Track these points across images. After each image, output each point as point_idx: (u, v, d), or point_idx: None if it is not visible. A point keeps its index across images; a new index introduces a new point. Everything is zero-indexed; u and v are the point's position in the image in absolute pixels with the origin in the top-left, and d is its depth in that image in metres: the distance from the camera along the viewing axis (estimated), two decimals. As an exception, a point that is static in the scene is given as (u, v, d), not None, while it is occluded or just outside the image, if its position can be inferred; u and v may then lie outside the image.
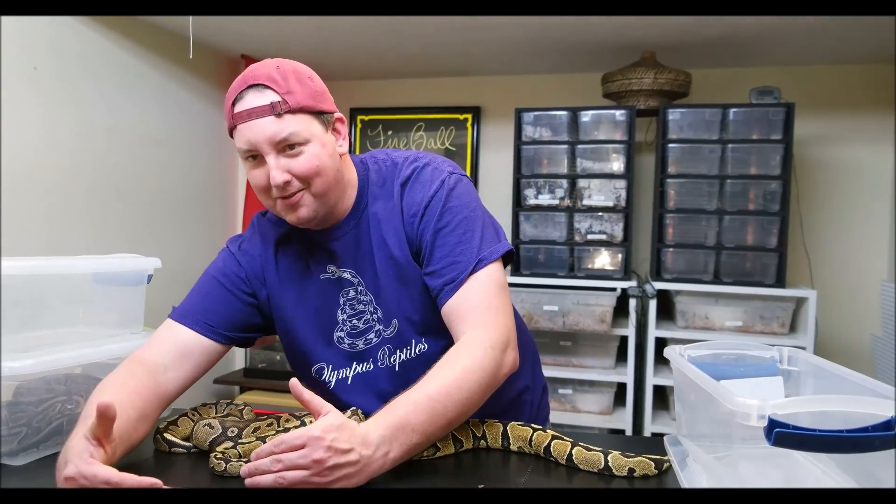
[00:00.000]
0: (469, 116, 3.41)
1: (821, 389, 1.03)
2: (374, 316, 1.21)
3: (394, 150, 1.28)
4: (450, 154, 3.44)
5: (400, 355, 1.21)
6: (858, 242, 3.06)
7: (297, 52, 3.05)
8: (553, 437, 1.13)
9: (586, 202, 2.85)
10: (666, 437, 1.17)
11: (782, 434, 0.74)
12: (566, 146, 2.85)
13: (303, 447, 0.89)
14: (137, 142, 2.76)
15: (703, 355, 1.11)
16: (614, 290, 2.76)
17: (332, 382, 1.24)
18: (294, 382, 0.97)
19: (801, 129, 2.96)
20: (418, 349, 1.20)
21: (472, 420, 1.18)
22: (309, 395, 0.97)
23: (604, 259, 2.86)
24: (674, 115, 2.78)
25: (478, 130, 3.43)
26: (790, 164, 2.69)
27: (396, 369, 1.20)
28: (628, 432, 2.77)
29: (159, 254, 1.44)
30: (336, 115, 1.17)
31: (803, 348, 2.49)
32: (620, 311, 2.83)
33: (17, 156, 2.23)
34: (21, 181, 2.24)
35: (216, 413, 1.25)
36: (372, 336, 1.21)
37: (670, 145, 2.78)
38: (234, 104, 1.10)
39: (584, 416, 2.86)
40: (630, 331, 2.76)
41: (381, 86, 3.57)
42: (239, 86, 1.10)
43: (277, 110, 1.07)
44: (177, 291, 2.95)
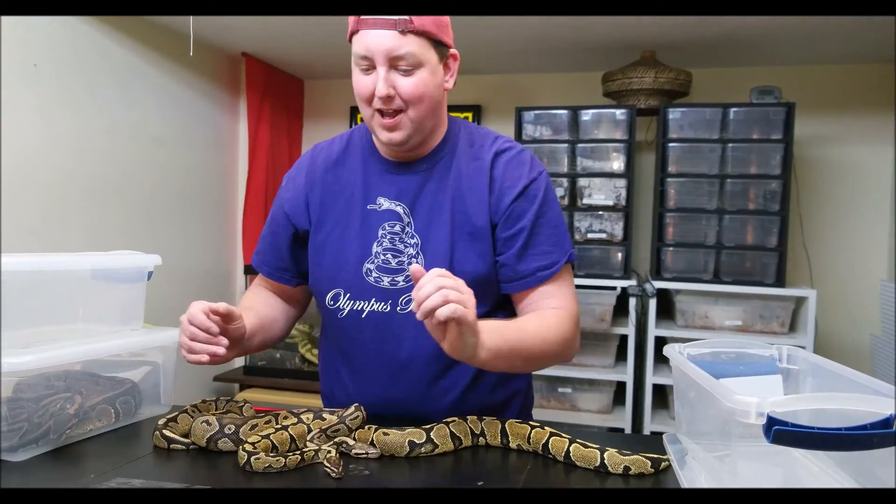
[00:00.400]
0: (469, 115, 3.41)
1: (820, 388, 1.03)
2: (412, 260, 1.22)
3: None
4: (450, 153, 3.43)
5: None
6: (858, 242, 3.06)
7: (298, 50, 3.05)
8: (551, 434, 1.13)
9: (586, 201, 2.85)
10: (665, 436, 1.17)
11: (781, 432, 0.74)
12: (566, 145, 2.85)
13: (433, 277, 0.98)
14: (137, 140, 2.76)
15: (703, 354, 1.11)
16: (614, 288, 2.76)
17: (345, 311, 1.24)
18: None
19: (802, 129, 2.96)
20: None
21: (471, 417, 1.19)
22: None
23: (604, 258, 2.86)
24: (674, 114, 2.78)
25: (478, 129, 3.42)
26: (790, 164, 2.69)
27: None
28: (628, 431, 2.77)
29: (159, 251, 1.44)
30: (452, 51, 1.21)
31: (803, 348, 2.49)
32: (620, 309, 2.83)
33: (17, 154, 2.23)
34: (20, 179, 2.24)
35: (216, 410, 1.25)
36: (400, 279, 1.22)
37: (670, 144, 2.78)
38: None
39: (584, 414, 2.86)
40: (630, 330, 2.77)
41: (382, 84, 3.56)
42: None
43: (401, 27, 1.11)
44: (177, 289, 2.97)
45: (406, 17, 1.11)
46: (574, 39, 2.78)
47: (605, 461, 1.05)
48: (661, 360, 2.78)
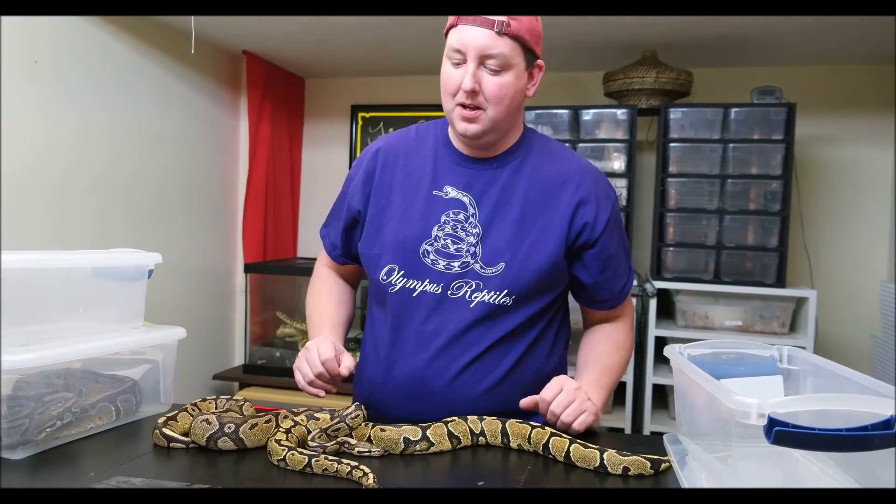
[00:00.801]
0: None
1: (820, 388, 1.03)
2: (471, 248, 1.27)
3: None
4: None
5: (483, 295, 1.26)
6: (859, 243, 3.06)
7: (299, 49, 3.05)
8: (552, 435, 1.13)
9: (587, 201, 2.84)
10: (665, 436, 1.17)
11: (782, 433, 0.74)
12: (567, 145, 2.84)
13: (560, 391, 1.21)
14: (138, 138, 2.76)
15: (703, 354, 1.11)
16: (614, 288, 2.75)
17: (397, 287, 1.29)
18: None
19: (803, 129, 2.96)
20: (502, 301, 1.26)
21: (471, 417, 1.18)
22: None
23: (604, 258, 2.85)
24: (675, 114, 2.77)
25: (479, 128, 3.42)
26: (791, 164, 2.69)
27: (472, 305, 1.26)
28: (627, 431, 2.77)
29: (160, 249, 1.44)
30: (539, 62, 1.28)
31: (803, 348, 2.49)
32: (620, 309, 2.82)
33: (17, 152, 2.23)
34: (21, 178, 2.24)
35: (216, 408, 1.25)
36: (456, 265, 1.27)
37: (671, 144, 2.78)
38: None
39: (584, 414, 2.85)
40: (630, 330, 2.76)
41: (383, 83, 3.56)
42: None
43: (499, 28, 1.17)
44: (178, 287, 2.97)
45: (504, 19, 1.17)
46: (575, 39, 2.77)
47: (605, 462, 1.05)
48: (661, 360, 2.78)
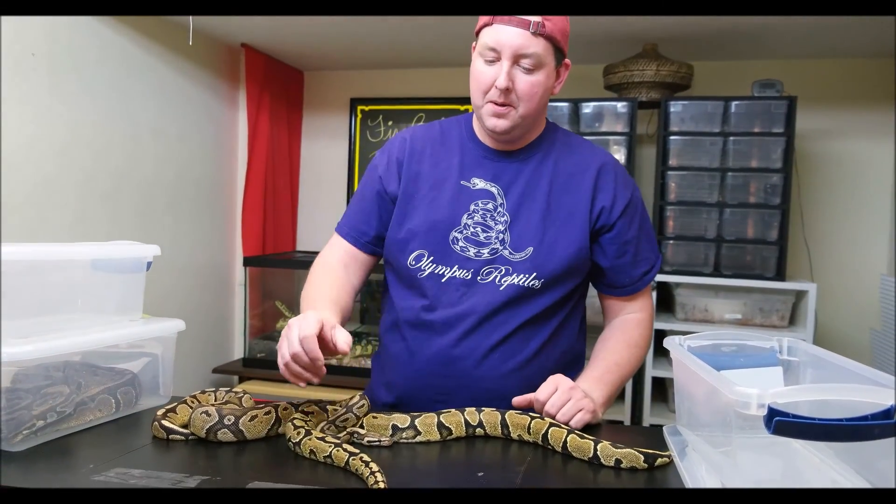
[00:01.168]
0: (470, 107, 3.40)
1: (820, 379, 1.03)
2: (500, 236, 1.31)
3: None
4: (450, 145, 3.42)
5: (512, 278, 1.30)
6: (858, 236, 3.06)
7: (299, 42, 3.04)
8: (551, 425, 1.13)
9: (587, 194, 2.84)
10: (665, 427, 1.17)
11: (782, 423, 0.74)
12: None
13: (554, 391, 1.20)
14: (136, 131, 2.75)
15: (703, 346, 1.11)
16: (614, 282, 2.75)
17: (426, 272, 1.32)
18: None
19: (803, 123, 2.95)
20: (531, 283, 1.30)
21: (469, 409, 1.19)
22: None
23: (604, 251, 2.85)
24: (675, 107, 2.77)
25: (478, 122, 3.41)
26: (791, 158, 2.69)
27: (501, 288, 1.29)
28: (627, 423, 2.77)
29: (158, 242, 1.44)
30: (566, 60, 1.31)
31: (803, 341, 2.49)
32: (620, 303, 2.82)
33: (14, 145, 2.22)
34: (17, 171, 2.24)
35: (215, 400, 1.25)
36: (485, 251, 1.30)
37: (671, 137, 2.78)
38: None
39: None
40: (629, 323, 2.76)
41: (382, 76, 3.56)
42: None
43: (535, 29, 1.20)
44: (176, 279, 2.97)
45: (539, 20, 1.20)
46: (575, 32, 2.75)
47: (598, 453, 1.06)
48: (660, 352, 2.78)
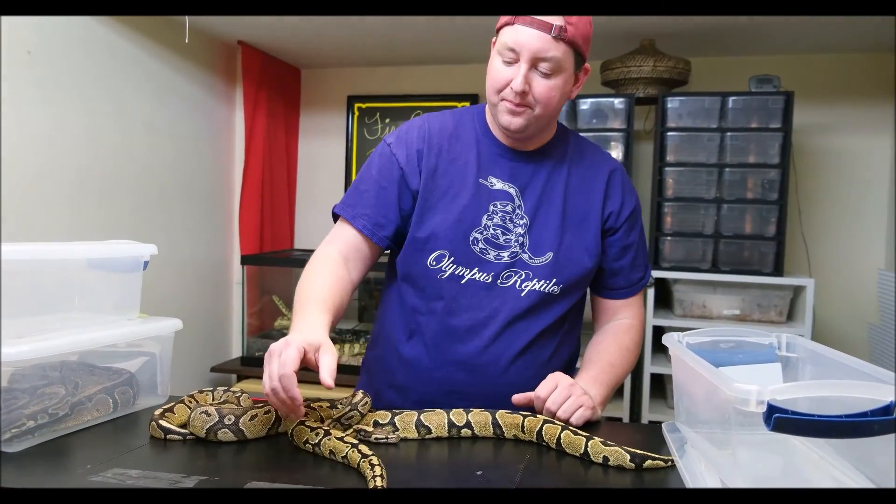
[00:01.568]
0: (467, 104, 3.40)
1: (819, 375, 1.03)
2: (519, 239, 1.30)
3: None
4: (448, 142, 3.42)
5: (533, 284, 1.30)
6: (856, 231, 3.06)
7: (295, 39, 3.03)
8: (545, 422, 1.13)
9: (584, 190, 2.83)
10: (664, 424, 1.17)
11: (781, 419, 0.74)
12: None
13: (554, 388, 1.20)
14: (131, 128, 2.74)
15: (702, 342, 1.10)
16: (612, 278, 2.75)
17: (447, 273, 1.30)
18: None
19: (801, 118, 2.95)
20: (551, 289, 1.31)
21: (456, 410, 1.18)
22: None
23: (602, 248, 2.85)
24: (673, 103, 2.77)
25: (476, 118, 3.41)
26: (789, 153, 2.69)
27: (523, 294, 1.30)
28: (626, 420, 2.77)
29: (155, 241, 1.43)
30: (586, 65, 1.28)
31: (801, 336, 2.49)
32: (618, 299, 2.82)
33: (7, 144, 2.21)
34: (11, 170, 2.23)
35: (213, 400, 1.25)
36: (505, 254, 1.30)
37: (669, 133, 2.78)
38: None
39: (582, 404, 2.85)
40: (628, 319, 2.76)
41: (379, 73, 3.55)
42: None
43: (556, 33, 1.18)
44: (173, 278, 2.96)
45: (562, 24, 1.17)
46: (572, 28, 2.76)
47: (588, 450, 1.06)
48: (658, 349, 2.78)
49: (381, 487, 0.90)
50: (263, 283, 3.34)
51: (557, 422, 1.13)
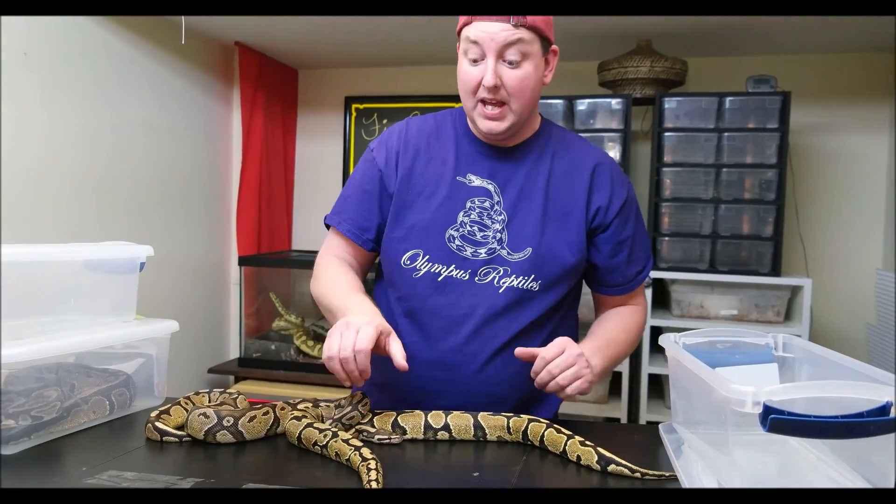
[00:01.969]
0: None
1: (816, 376, 1.03)
2: (497, 235, 1.28)
3: None
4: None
5: (511, 281, 1.28)
6: (854, 231, 3.06)
7: (292, 39, 3.02)
8: (530, 421, 1.14)
9: (582, 191, 2.83)
10: (661, 425, 1.17)
11: (777, 420, 0.74)
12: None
13: (561, 353, 1.16)
14: (129, 129, 2.74)
15: (699, 343, 1.10)
16: (610, 279, 2.75)
17: (422, 272, 1.29)
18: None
19: (798, 118, 2.95)
20: (529, 286, 1.28)
21: (434, 412, 1.17)
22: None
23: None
24: (670, 103, 2.77)
25: (473, 119, 3.40)
26: (786, 153, 2.69)
27: (500, 290, 1.27)
28: (623, 421, 2.77)
29: (151, 242, 1.43)
30: (553, 47, 1.27)
31: (798, 336, 2.49)
32: (616, 300, 2.82)
33: (4, 143, 2.20)
34: (8, 169, 2.22)
35: (209, 402, 1.25)
36: (482, 251, 1.28)
37: (666, 134, 2.78)
38: None
39: (580, 405, 2.86)
40: (625, 320, 2.76)
41: (376, 74, 3.55)
42: None
43: (515, 21, 1.17)
44: (170, 280, 2.95)
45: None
46: (569, 29, 2.76)
47: (566, 448, 1.06)
48: (656, 349, 2.78)
49: (375, 486, 0.90)
50: (261, 284, 3.33)
51: (542, 420, 1.13)
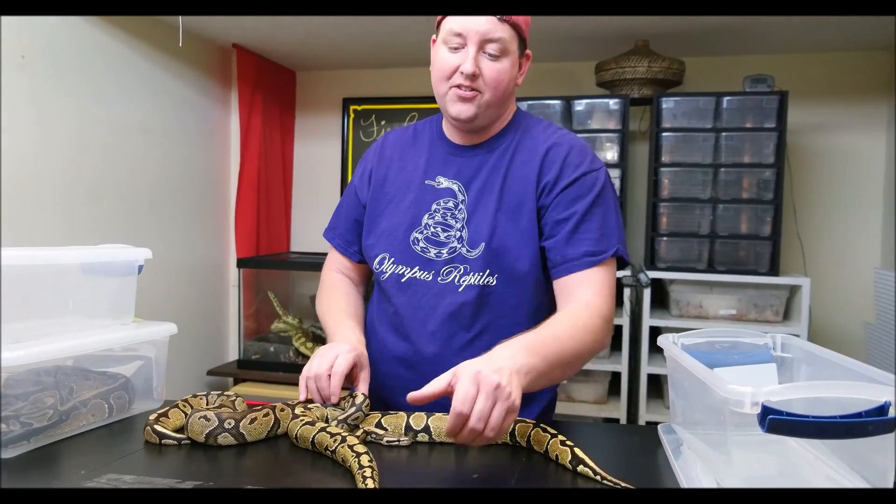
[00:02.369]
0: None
1: (814, 376, 1.03)
2: (458, 234, 1.29)
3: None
4: (443, 144, 3.41)
5: (470, 278, 1.27)
6: (852, 230, 3.07)
7: (290, 41, 3.02)
8: (516, 422, 1.13)
9: (580, 191, 2.83)
10: (660, 426, 1.17)
11: (776, 421, 0.74)
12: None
13: (476, 394, 0.94)
14: (126, 132, 2.74)
15: (697, 343, 1.10)
16: (608, 279, 2.75)
17: (387, 274, 1.32)
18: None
19: (795, 118, 2.96)
20: (486, 281, 1.27)
21: (416, 414, 1.17)
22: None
23: (598, 248, 2.85)
24: (667, 103, 2.77)
25: (471, 120, 3.40)
26: (784, 153, 2.69)
27: (460, 288, 1.27)
28: (623, 421, 2.78)
29: (150, 244, 1.43)
30: (528, 51, 1.31)
31: (797, 336, 2.49)
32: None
33: (4, 147, 2.20)
34: (5, 171, 2.22)
35: (207, 404, 1.24)
36: (445, 251, 1.29)
37: (664, 134, 2.78)
38: None
39: (579, 405, 2.86)
40: (624, 320, 2.76)
41: (374, 75, 3.54)
42: None
43: (501, 16, 1.21)
44: (168, 282, 2.95)
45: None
46: (567, 29, 2.76)
47: (548, 447, 1.07)
48: (655, 349, 2.78)
49: (371, 485, 0.90)
50: (260, 285, 3.33)
51: (528, 420, 1.13)
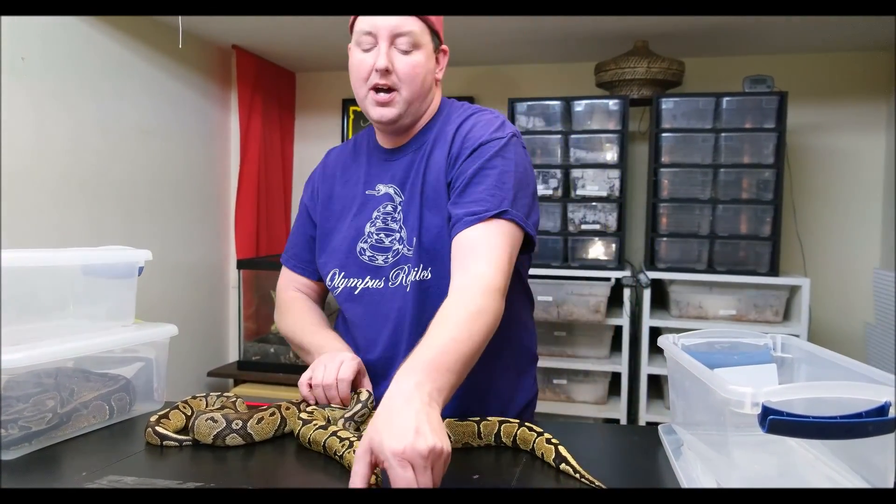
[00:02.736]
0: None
1: (814, 376, 1.03)
2: (398, 235, 1.28)
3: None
4: (443, 145, 3.41)
5: (412, 276, 1.25)
6: (851, 230, 3.07)
7: (290, 42, 3.02)
8: (500, 423, 1.13)
9: (580, 192, 2.84)
10: (661, 427, 1.17)
11: (776, 421, 0.74)
12: (559, 136, 2.84)
13: (413, 471, 0.82)
14: (127, 133, 2.74)
15: (697, 344, 1.10)
16: (608, 279, 2.76)
17: (339, 289, 1.32)
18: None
19: (795, 118, 2.96)
20: (422, 276, 1.24)
21: None
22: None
23: (598, 249, 2.86)
24: (667, 104, 2.77)
25: (471, 121, 3.40)
26: (783, 153, 2.69)
27: (407, 289, 1.25)
28: (623, 422, 2.78)
29: (150, 246, 1.43)
30: (443, 46, 1.30)
31: (797, 336, 2.49)
32: (614, 300, 2.83)
33: (4, 148, 2.20)
34: (7, 174, 2.22)
35: (206, 405, 1.24)
36: (390, 256, 1.28)
37: (664, 134, 2.78)
38: None
39: (579, 406, 2.86)
40: (624, 320, 2.77)
41: (374, 76, 3.54)
42: None
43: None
44: (169, 284, 2.95)
45: None
46: (566, 30, 2.76)
47: (534, 446, 1.08)
48: (655, 350, 2.78)
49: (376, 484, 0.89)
50: (260, 287, 3.33)
51: (513, 420, 1.13)
